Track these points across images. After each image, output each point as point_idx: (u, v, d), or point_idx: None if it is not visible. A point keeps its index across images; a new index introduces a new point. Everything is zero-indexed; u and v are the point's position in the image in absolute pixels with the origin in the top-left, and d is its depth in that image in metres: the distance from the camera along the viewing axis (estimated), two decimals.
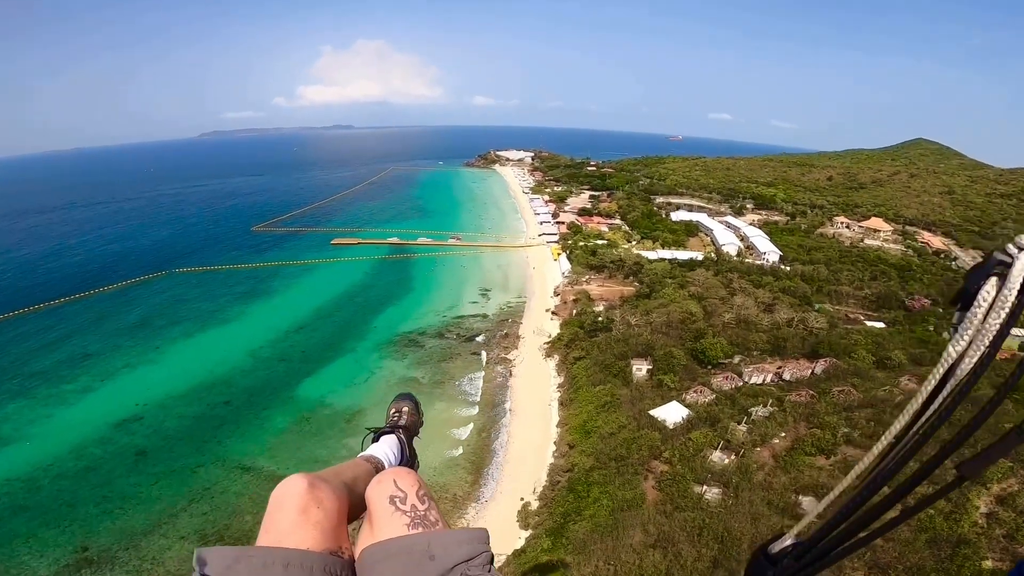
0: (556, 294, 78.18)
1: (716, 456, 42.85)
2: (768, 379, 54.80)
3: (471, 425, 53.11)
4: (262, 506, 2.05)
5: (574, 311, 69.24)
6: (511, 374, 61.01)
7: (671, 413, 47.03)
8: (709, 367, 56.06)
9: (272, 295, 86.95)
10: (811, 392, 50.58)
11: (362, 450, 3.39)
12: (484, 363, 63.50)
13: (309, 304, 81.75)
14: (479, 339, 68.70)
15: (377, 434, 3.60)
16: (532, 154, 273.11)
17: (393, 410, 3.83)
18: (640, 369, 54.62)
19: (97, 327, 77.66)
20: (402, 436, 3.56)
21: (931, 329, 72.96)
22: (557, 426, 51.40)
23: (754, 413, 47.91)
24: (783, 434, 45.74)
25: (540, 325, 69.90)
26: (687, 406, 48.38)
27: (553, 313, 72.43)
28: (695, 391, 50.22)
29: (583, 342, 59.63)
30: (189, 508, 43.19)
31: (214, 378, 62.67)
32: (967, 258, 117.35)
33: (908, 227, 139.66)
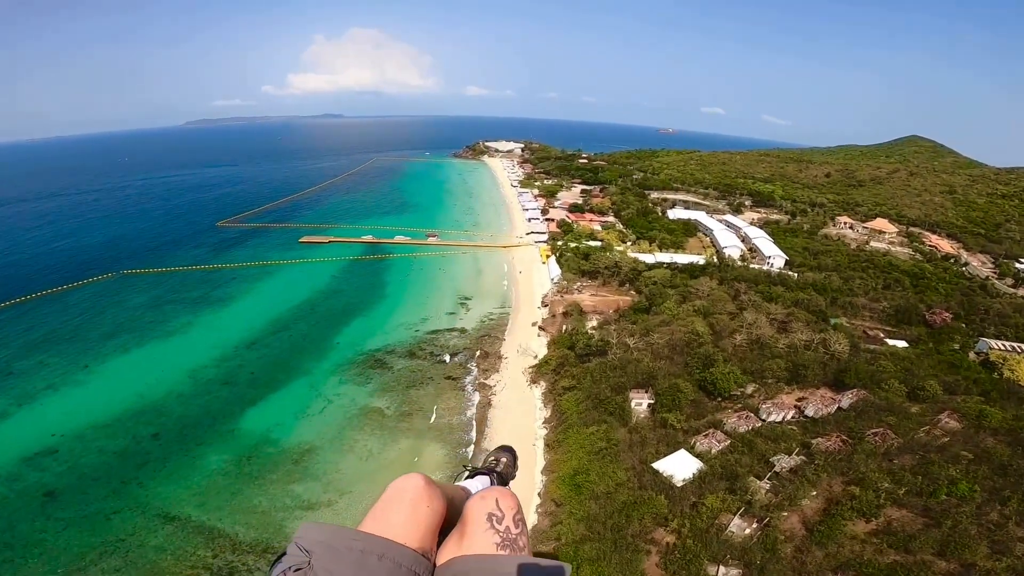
0: (544, 304, 69.89)
1: (735, 525, 35.01)
2: (789, 416, 47.01)
3: (440, 473, 44.84)
4: (187, 566, 1.34)
5: (564, 327, 61.05)
6: (490, 403, 52.73)
7: (679, 466, 39.04)
8: (719, 399, 48.25)
9: (226, 303, 77.71)
10: (842, 437, 42.82)
11: (455, 481, 3.26)
12: (460, 390, 55.17)
13: (265, 314, 72.71)
14: (455, 359, 60.28)
15: (473, 473, 3.46)
16: (522, 145, 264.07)
17: (492, 457, 3.61)
18: (640, 404, 46.58)
19: (23, 340, 68.26)
20: (495, 480, 3.34)
21: (957, 348, 66.05)
22: (542, 472, 43.29)
23: (778, 464, 40.11)
24: (814, 493, 37.96)
25: (525, 343, 61.59)
26: (697, 455, 40.42)
27: (540, 328, 64.17)
28: (706, 436, 42.25)
29: (573, 368, 51.48)
30: (99, 562, 35.84)
31: (145, 404, 54.33)
32: (976, 263, 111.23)
33: (912, 228, 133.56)
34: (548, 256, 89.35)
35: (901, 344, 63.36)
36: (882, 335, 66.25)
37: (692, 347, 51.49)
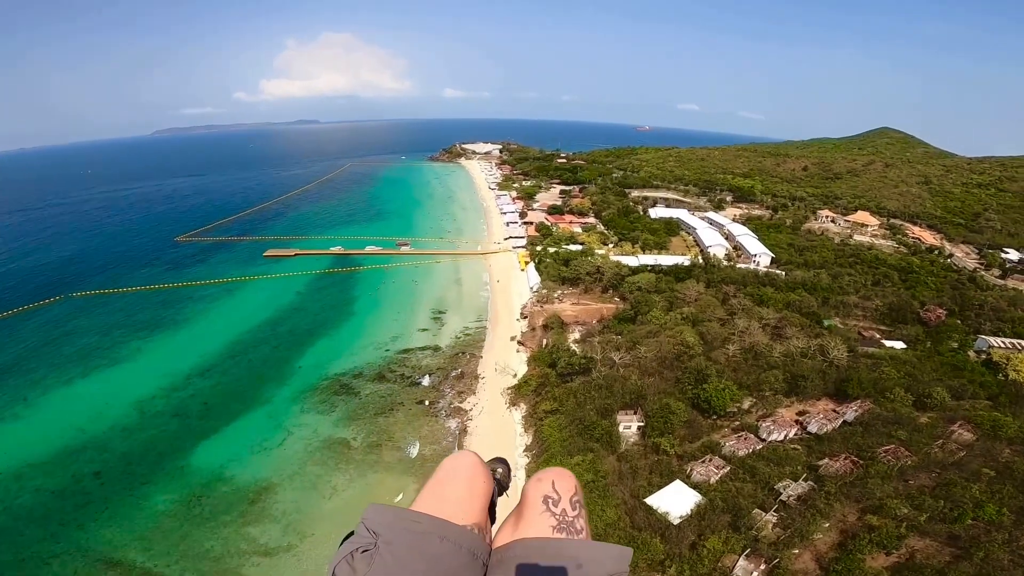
0: (523, 316, 65.44)
1: (740, 567, 30.94)
2: (791, 434, 43.27)
3: None
4: None
5: (544, 341, 56.65)
6: (465, 430, 48.15)
7: (675, 500, 34.86)
8: (715, 417, 44.32)
9: (179, 326, 71.77)
10: (853, 458, 39.14)
11: None
12: (433, 416, 50.42)
13: (222, 337, 67.03)
14: (427, 381, 55.47)
15: None
16: (500, 147, 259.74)
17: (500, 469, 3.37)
18: (629, 427, 42.41)
19: None
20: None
21: (956, 347, 63.38)
22: None
23: (784, 492, 36.21)
24: (826, 525, 34.11)
25: (504, 360, 57.08)
26: (694, 486, 36.31)
27: (520, 343, 59.71)
28: (703, 463, 38.19)
29: (555, 388, 47.12)
30: None
31: (86, 440, 49.93)
32: (960, 254, 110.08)
33: (893, 220, 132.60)
34: (527, 263, 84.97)
35: (899, 345, 60.43)
36: (878, 336, 63.31)
37: (683, 360, 47.51)
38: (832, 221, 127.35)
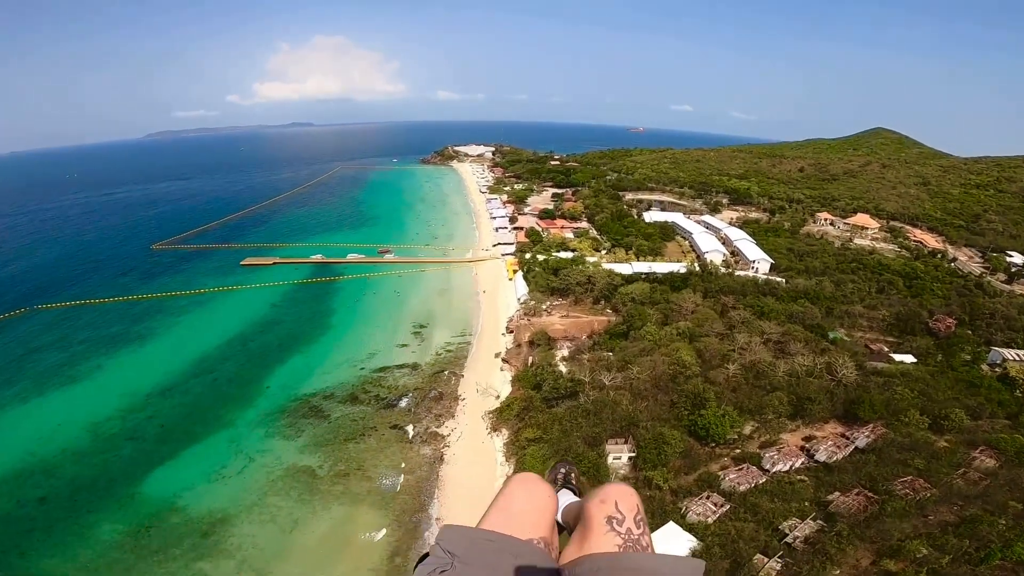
0: (509, 331, 61.45)
1: None
2: (797, 464, 39.44)
3: (378, 553, 36.39)
4: None
5: (530, 359, 52.70)
6: (442, 459, 44.15)
7: (668, 546, 30.92)
8: (713, 445, 40.48)
9: (145, 341, 67.55)
10: (866, 492, 35.33)
11: None
12: (407, 442, 46.43)
13: (188, 353, 62.91)
14: (403, 403, 51.43)
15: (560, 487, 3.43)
16: (493, 149, 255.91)
17: (563, 471, 3.59)
18: (619, 458, 38.51)
19: None
20: (576, 493, 3.35)
21: (968, 360, 59.81)
22: None
23: (790, 533, 32.39)
24: (837, 572, 30.34)
25: (487, 379, 53.10)
26: (690, 527, 32.42)
27: (504, 361, 55.76)
28: (701, 500, 34.30)
29: (539, 414, 43.20)
30: None
31: (34, 463, 47.33)
32: (963, 258, 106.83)
33: (893, 222, 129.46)
34: (515, 271, 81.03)
35: (908, 359, 56.79)
36: (886, 348, 59.64)
37: (678, 381, 43.65)
38: (831, 224, 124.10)
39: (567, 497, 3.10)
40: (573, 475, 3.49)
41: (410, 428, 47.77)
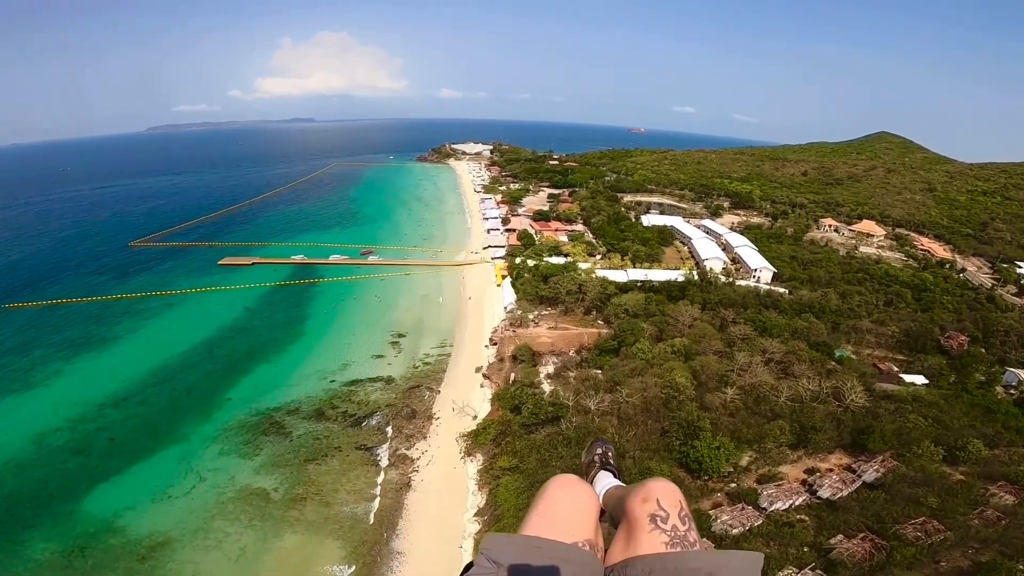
0: (493, 342, 57.42)
1: None
2: (797, 502, 35.50)
3: None
4: None
5: (512, 375, 48.75)
6: (409, 485, 40.27)
7: None
8: (706, 479, 36.56)
9: (107, 345, 63.66)
10: (873, 537, 31.41)
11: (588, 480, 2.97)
12: (372, 464, 42.52)
13: (149, 360, 59.01)
14: (373, 421, 47.44)
15: (599, 468, 3.30)
16: (491, 147, 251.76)
17: (599, 452, 3.40)
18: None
19: None
20: (616, 475, 3.17)
21: (983, 380, 55.90)
22: None
23: None
24: None
25: (465, 397, 49.10)
26: None
27: (485, 376, 51.73)
28: None
29: (516, 440, 39.21)
30: None
31: None
32: (972, 268, 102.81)
33: (898, 229, 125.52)
34: (504, 277, 77.02)
35: (919, 380, 52.85)
36: (895, 368, 55.69)
37: (671, 406, 39.65)
38: (835, 231, 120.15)
39: (607, 479, 2.94)
40: (611, 454, 3.28)
41: (378, 450, 43.83)
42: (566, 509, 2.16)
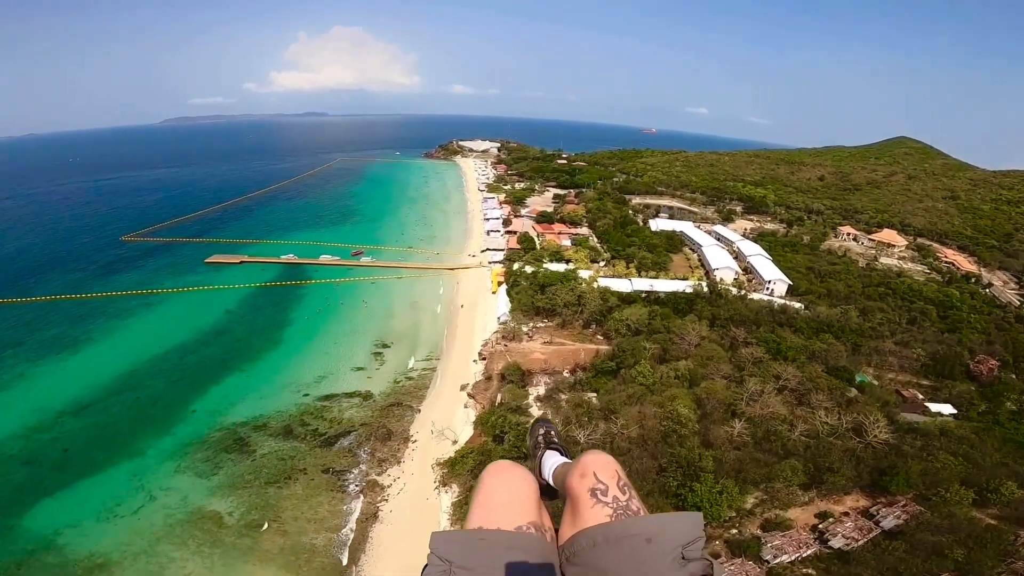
0: (482, 357, 53.28)
1: None
2: (806, 554, 31.09)
3: None
4: None
5: (499, 396, 44.64)
6: (376, 516, 36.38)
7: None
8: (705, 525, 32.26)
9: (78, 347, 60.47)
10: None
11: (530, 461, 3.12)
12: (339, 490, 38.67)
13: (118, 365, 55.77)
14: (345, 442, 43.58)
15: (544, 449, 3.26)
16: (499, 144, 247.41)
17: (542, 432, 3.39)
18: None
19: None
20: (563, 453, 3.15)
21: (1014, 410, 50.92)
22: None
23: None
24: None
25: (446, 419, 45.03)
26: None
27: (470, 395, 47.62)
28: None
29: None
30: None
31: None
32: (998, 283, 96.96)
33: (920, 239, 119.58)
34: (500, 283, 72.84)
35: (947, 410, 48.06)
36: (920, 396, 50.87)
37: (671, 441, 35.32)
38: (854, 239, 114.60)
39: (553, 458, 2.93)
40: (553, 432, 3.26)
41: (347, 474, 39.95)
42: (504, 496, 2.12)
